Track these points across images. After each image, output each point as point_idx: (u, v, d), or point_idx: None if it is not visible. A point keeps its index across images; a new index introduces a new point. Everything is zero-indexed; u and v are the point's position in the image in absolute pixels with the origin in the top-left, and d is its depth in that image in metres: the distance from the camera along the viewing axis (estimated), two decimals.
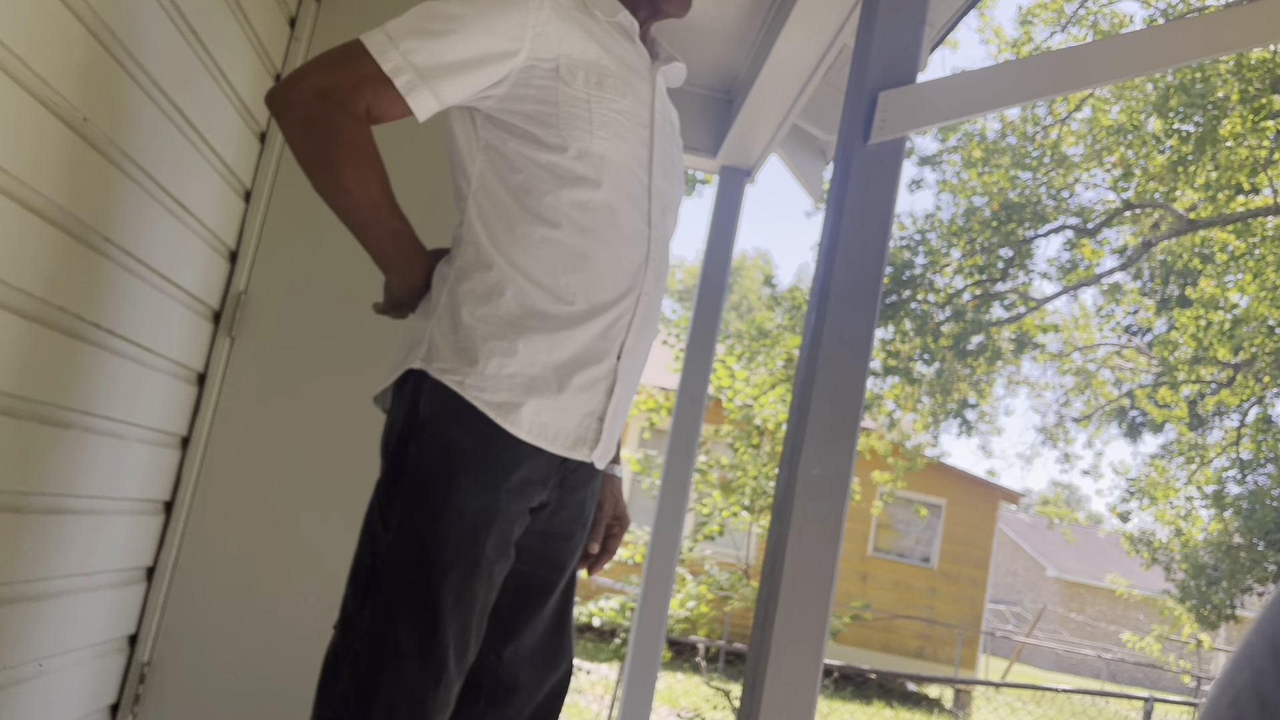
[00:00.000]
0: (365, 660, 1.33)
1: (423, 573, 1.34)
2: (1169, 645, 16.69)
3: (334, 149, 1.38)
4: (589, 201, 1.46)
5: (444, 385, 1.39)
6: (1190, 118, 10.45)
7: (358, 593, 1.38)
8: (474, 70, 1.42)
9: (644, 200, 1.54)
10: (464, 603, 1.36)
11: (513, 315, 1.42)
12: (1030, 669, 22.04)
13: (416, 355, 1.43)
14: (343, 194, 1.40)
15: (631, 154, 1.52)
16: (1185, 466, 13.07)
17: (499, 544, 1.39)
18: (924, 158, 12.86)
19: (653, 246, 1.55)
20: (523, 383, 1.41)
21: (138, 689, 2.28)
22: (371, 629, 1.34)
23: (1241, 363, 11.52)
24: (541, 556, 1.54)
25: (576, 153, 1.45)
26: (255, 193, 2.41)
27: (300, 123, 1.38)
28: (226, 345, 2.39)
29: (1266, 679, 0.36)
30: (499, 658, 1.52)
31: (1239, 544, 12.49)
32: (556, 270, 1.44)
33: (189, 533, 2.34)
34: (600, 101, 1.48)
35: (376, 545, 1.37)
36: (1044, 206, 12.06)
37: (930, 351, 12.31)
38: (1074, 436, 15.74)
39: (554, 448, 1.44)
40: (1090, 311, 14.29)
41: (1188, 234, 11.51)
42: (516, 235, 1.44)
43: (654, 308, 1.58)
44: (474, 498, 1.36)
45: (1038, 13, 11.56)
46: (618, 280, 1.49)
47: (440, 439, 1.38)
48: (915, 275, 12.21)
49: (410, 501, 1.37)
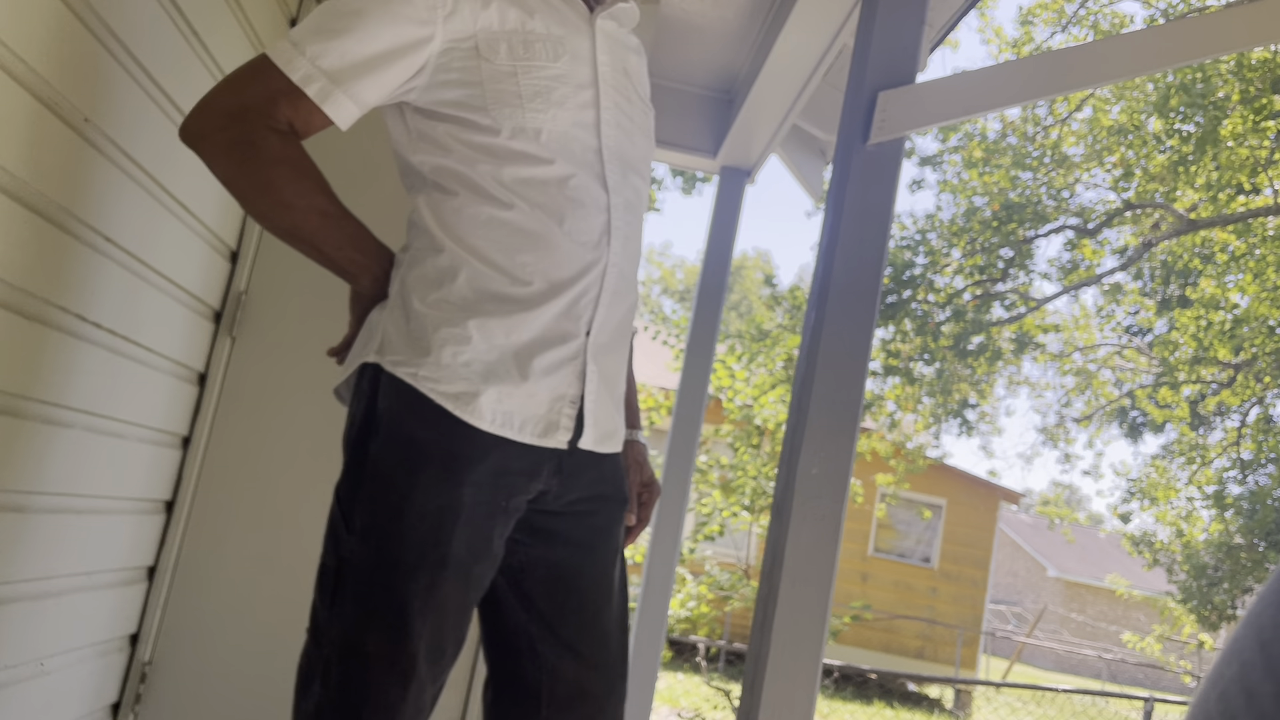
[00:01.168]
0: (336, 669, 1.29)
1: (387, 576, 1.29)
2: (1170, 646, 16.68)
3: (264, 168, 1.30)
4: (534, 177, 1.39)
5: (398, 378, 1.33)
6: (1191, 118, 10.45)
7: (325, 598, 1.33)
8: (388, 65, 1.34)
9: (596, 164, 1.44)
10: (434, 605, 1.31)
11: (466, 299, 1.36)
12: (1031, 669, 22.03)
13: (370, 348, 1.37)
14: (286, 211, 1.33)
15: (573, 119, 1.43)
16: (1186, 467, 13.07)
17: (471, 542, 1.33)
18: (924, 158, 12.86)
19: (614, 213, 1.45)
20: (480, 370, 1.34)
21: (139, 688, 2.29)
22: (339, 636, 1.30)
23: (1242, 363, 11.51)
24: (558, 536, 1.46)
25: (510, 132, 1.38)
26: None
27: (221, 149, 1.30)
28: (227, 345, 2.40)
29: (1253, 672, 0.37)
30: (558, 652, 1.44)
31: (1240, 544, 12.49)
32: (510, 250, 1.37)
33: (190, 532, 2.34)
34: (528, 71, 1.40)
35: (340, 549, 1.32)
36: (1044, 207, 12.06)
37: (931, 352, 12.31)
38: (1075, 437, 15.73)
39: (522, 436, 1.36)
40: (1091, 312, 14.29)
41: (1188, 234, 11.51)
42: (465, 217, 1.38)
43: (625, 279, 1.49)
44: (435, 495, 1.30)
45: (1038, 13, 11.56)
46: (577, 254, 1.41)
47: (398, 435, 1.32)
48: (916, 275, 12.21)
49: (372, 502, 1.31)
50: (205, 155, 1.31)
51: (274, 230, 1.35)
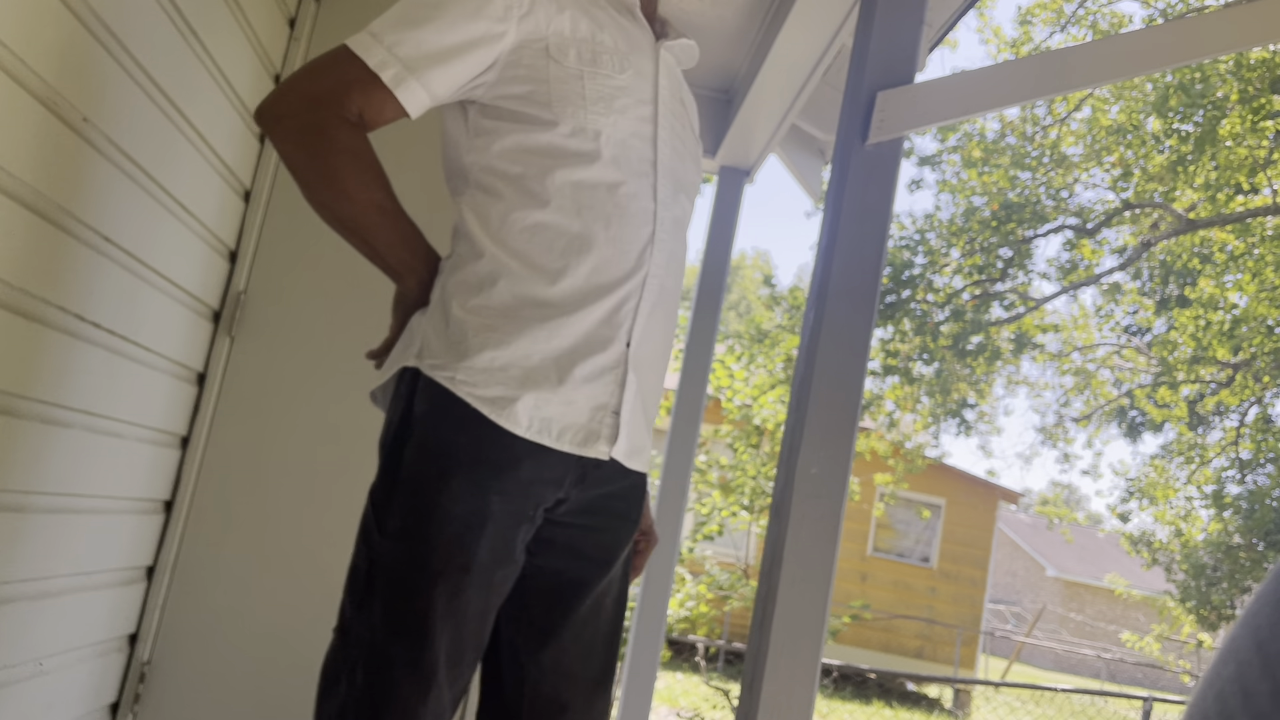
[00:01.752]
0: (361, 670, 1.30)
1: (413, 579, 1.30)
2: (1168, 645, 16.69)
3: (331, 156, 1.32)
4: (585, 179, 1.39)
5: (435, 382, 1.33)
6: (1190, 117, 10.45)
7: (354, 598, 1.33)
8: (462, 57, 1.36)
9: (650, 175, 1.46)
10: (456, 610, 1.31)
11: (506, 305, 1.35)
12: (1030, 669, 22.04)
13: (410, 352, 1.37)
14: (347, 201, 1.33)
15: (632, 129, 1.44)
16: (1185, 466, 13.07)
17: (495, 549, 1.33)
18: (923, 158, 12.86)
19: (660, 226, 1.46)
20: (518, 375, 1.34)
21: (138, 688, 2.29)
22: (366, 637, 1.31)
23: (1241, 363, 11.52)
24: (566, 548, 1.45)
25: (570, 129, 1.39)
26: (255, 193, 2.42)
27: (293, 134, 1.32)
28: (226, 345, 2.40)
29: (1250, 671, 0.37)
30: (539, 666, 1.44)
31: (1239, 544, 12.49)
32: (552, 254, 1.37)
33: (189, 532, 2.34)
34: (595, 77, 1.42)
35: (373, 550, 1.33)
36: (1043, 206, 12.07)
37: (929, 351, 12.31)
38: (1073, 436, 15.73)
39: (561, 444, 1.36)
40: (1089, 311, 14.29)
41: (1187, 234, 11.51)
42: (509, 222, 1.38)
43: (667, 294, 1.48)
44: (462, 500, 1.30)
45: (1037, 13, 11.57)
46: (620, 260, 1.41)
47: (431, 439, 1.32)
48: (915, 275, 12.22)
49: (403, 505, 1.32)
50: (276, 139, 1.33)
51: (331, 220, 1.36)
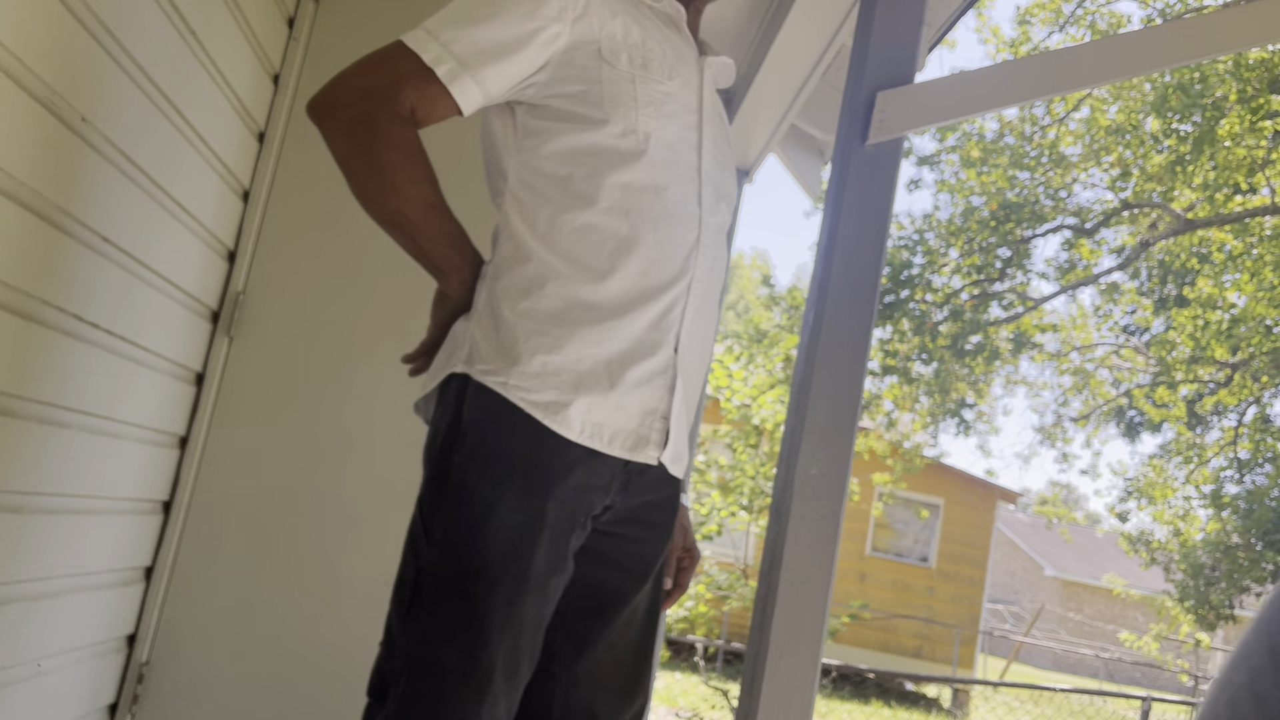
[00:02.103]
0: (407, 680, 1.26)
1: (468, 588, 1.27)
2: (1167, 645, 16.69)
3: (382, 150, 1.31)
4: (634, 182, 1.39)
5: (487, 387, 1.31)
6: (1188, 118, 10.45)
7: (400, 609, 1.30)
8: (515, 56, 1.35)
9: (694, 181, 1.46)
10: (513, 620, 1.28)
11: (556, 309, 1.34)
12: (1028, 668, 22.05)
13: (458, 358, 1.35)
14: (396, 196, 1.32)
15: (679, 135, 1.45)
16: (1183, 466, 13.08)
17: (551, 556, 1.31)
18: (922, 157, 12.86)
19: (704, 231, 1.46)
20: (570, 380, 1.32)
21: (136, 689, 2.28)
22: (414, 647, 1.27)
23: (1239, 362, 11.53)
24: (607, 559, 1.44)
25: (621, 129, 1.39)
26: (254, 193, 2.41)
27: (345, 127, 1.31)
28: (225, 345, 2.39)
29: (1263, 678, 0.36)
30: (573, 676, 1.43)
31: (1237, 544, 12.50)
32: (600, 256, 1.36)
33: (187, 532, 2.34)
34: (645, 82, 1.42)
35: (420, 559, 1.29)
36: (1042, 206, 12.07)
37: (928, 351, 12.31)
38: (1072, 436, 15.74)
39: (613, 449, 1.35)
40: (1088, 311, 14.31)
41: (1185, 234, 11.52)
42: (557, 225, 1.37)
43: (709, 300, 1.48)
44: (520, 507, 1.28)
45: (1036, 13, 11.57)
46: (667, 264, 1.40)
47: (483, 445, 1.30)
48: (913, 275, 12.22)
49: (454, 513, 1.29)
50: (327, 131, 1.32)
51: (378, 215, 1.35)
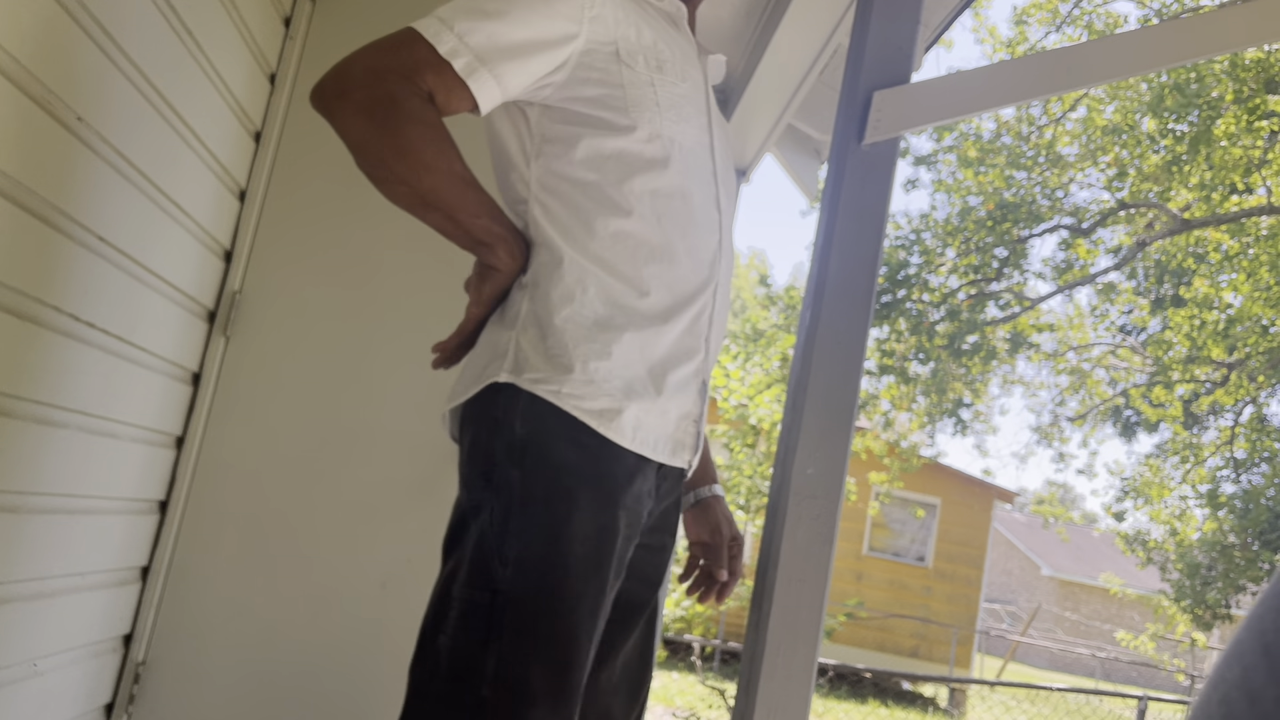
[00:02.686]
0: (497, 710, 1.20)
1: (554, 605, 1.23)
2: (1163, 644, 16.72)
3: (406, 127, 1.23)
4: (662, 188, 1.37)
5: (539, 398, 1.27)
6: (1185, 117, 10.47)
7: (477, 636, 1.22)
8: (534, 54, 1.31)
9: (712, 185, 1.46)
10: (594, 632, 1.26)
11: (599, 315, 1.31)
12: (1025, 668, 22.07)
13: (501, 367, 1.30)
14: (427, 173, 1.25)
15: (695, 138, 1.44)
16: (1180, 466, 13.10)
17: (619, 566, 1.29)
18: (919, 157, 12.87)
19: (724, 234, 1.47)
20: (621, 386, 1.30)
21: (132, 689, 2.28)
22: (500, 673, 1.20)
23: (1235, 362, 11.54)
24: (634, 570, 1.43)
25: (647, 135, 1.36)
26: (250, 192, 2.41)
27: (362, 109, 1.23)
28: (221, 345, 2.39)
29: (1256, 675, 0.36)
30: (594, 688, 1.41)
31: (1233, 543, 12.52)
32: (636, 263, 1.34)
33: (184, 532, 2.34)
34: (663, 85, 1.40)
35: (495, 583, 1.23)
36: (1039, 206, 12.08)
37: (925, 351, 12.32)
38: (1069, 436, 15.76)
39: (657, 455, 1.34)
40: (1085, 311, 14.32)
41: (1182, 234, 11.53)
42: (591, 230, 1.34)
43: (727, 300, 1.49)
44: (594, 517, 1.26)
45: (1032, 13, 11.58)
46: (697, 269, 1.40)
47: (547, 458, 1.26)
48: (910, 275, 12.23)
49: (528, 530, 1.24)
50: (341, 115, 1.24)
51: (409, 196, 1.27)
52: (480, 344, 1.38)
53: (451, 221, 1.30)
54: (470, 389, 1.33)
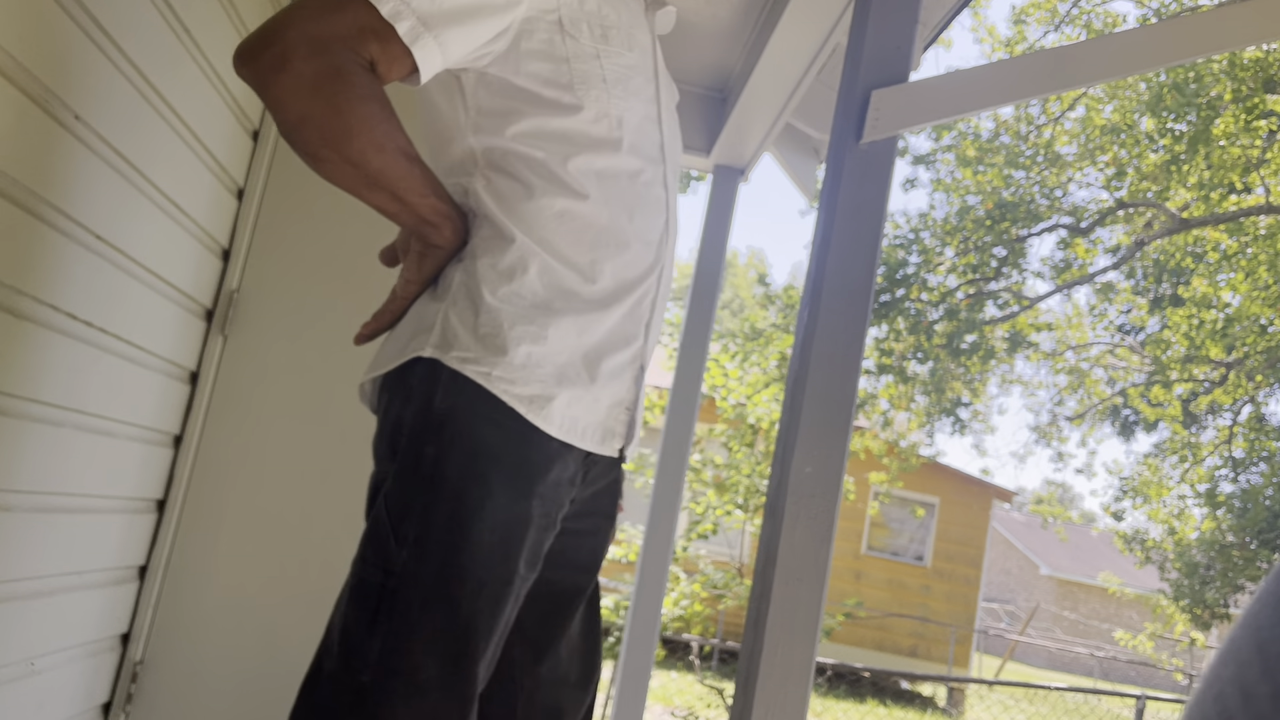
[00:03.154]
0: (379, 696, 1.14)
1: (452, 593, 1.17)
2: (1162, 643, 16.74)
3: (357, 104, 1.14)
4: (610, 168, 1.32)
5: (465, 377, 1.21)
6: (1183, 117, 10.47)
7: (365, 615, 1.17)
8: (477, 20, 1.23)
9: (660, 162, 1.41)
10: (496, 627, 1.20)
11: (539, 296, 1.26)
12: (1023, 667, 22.08)
13: (426, 341, 1.24)
14: (377, 153, 1.17)
15: (643, 113, 1.37)
16: (1178, 465, 13.11)
17: (531, 558, 1.24)
18: (918, 157, 12.88)
19: (671, 215, 1.42)
20: (553, 372, 1.24)
21: (130, 688, 2.28)
22: (387, 659, 1.15)
23: (1234, 362, 11.55)
24: (563, 558, 1.39)
25: (595, 115, 1.31)
26: (248, 191, 2.41)
27: (307, 84, 1.12)
28: (219, 343, 2.39)
29: (1250, 672, 0.36)
30: (535, 680, 1.37)
31: (1232, 542, 12.53)
32: (582, 245, 1.29)
33: (181, 531, 2.34)
34: (609, 56, 1.33)
35: (389, 562, 1.18)
36: (1037, 205, 12.09)
37: (924, 350, 12.33)
38: (1067, 435, 15.78)
39: (585, 443, 1.29)
40: (1083, 310, 14.34)
41: (1180, 233, 11.54)
42: (536, 207, 1.28)
43: (670, 283, 1.44)
44: (508, 506, 1.20)
45: (1031, 12, 11.58)
46: (643, 254, 1.35)
47: (465, 439, 1.20)
48: (909, 274, 12.23)
49: (432, 511, 1.18)
50: (279, 88, 1.13)
51: (350, 178, 1.19)
52: (407, 315, 1.32)
53: (397, 201, 1.23)
54: (392, 361, 1.28)
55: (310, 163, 1.18)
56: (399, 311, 1.34)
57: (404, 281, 1.33)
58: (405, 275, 1.33)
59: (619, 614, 8.10)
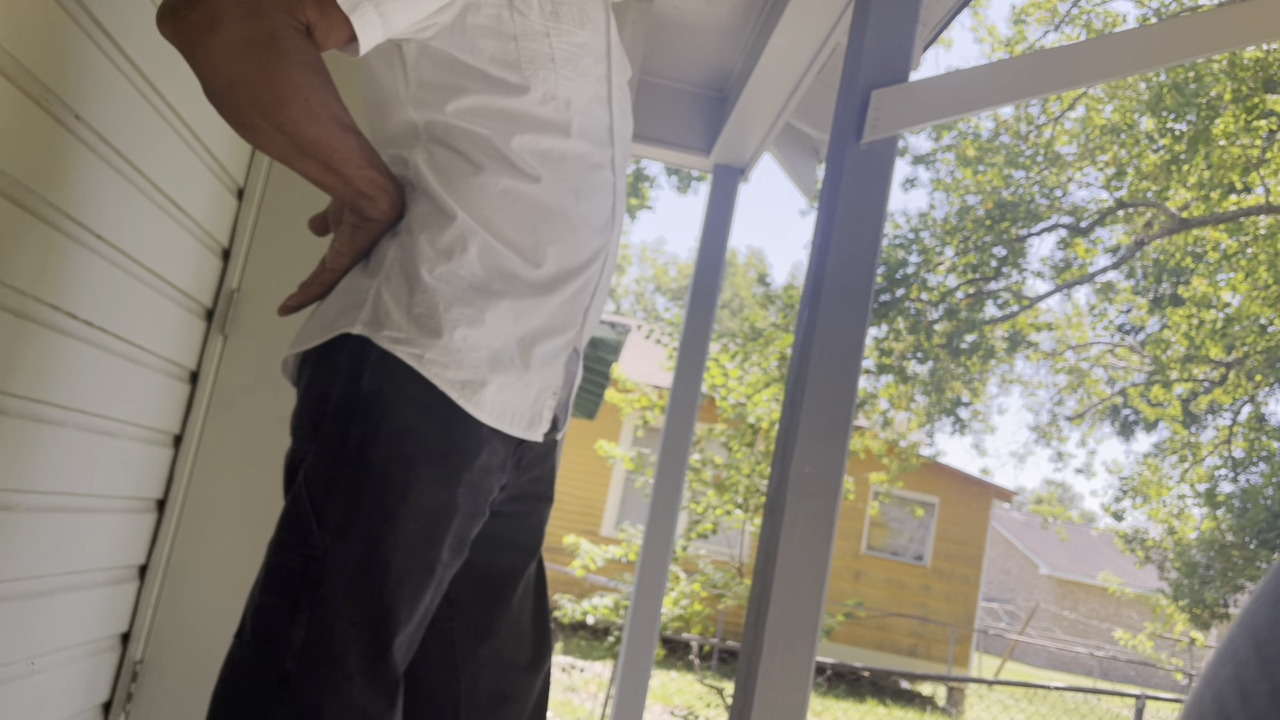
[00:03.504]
0: (303, 684, 1.12)
1: (373, 580, 1.14)
2: (1161, 643, 16.75)
3: (292, 70, 1.08)
4: (556, 149, 1.28)
5: (395, 358, 1.17)
6: (1183, 117, 10.47)
7: (284, 602, 1.15)
8: None
9: (608, 145, 1.36)
10: (417, 613, 1.18)
11: (478, 277, 1.22)
12: (1023, 667, 22.09)
13: (356, 318, 1.19)
14: (311, 122, 1.11)
15: (592, 93, 1.33)
16: (1178, 465, 13.12)
17: (456, 544, 1.22)
18: (918, 156, 12.89)
19: (618, 199, 1.38)
20: (487, 358, 1.20)
21: (130, 687, 2.28)
22: (308, 647, 1.12)
23: (1233, 361, 11.55)
24: (498, 540, 1.36)
25: (541, 96, 1.26)
26: (248, 190, 2.41)
27: (239, 46, 1.05)
28: (219, 343, 2.39)
29: (1249, 671, 0.37)
30: (478, 663, 1.35)
31: (1231, 542, 12.54)
32: (526, 227, 1.25)
33: (181, 531, 2.34)
34: (559, 34, 1.28)
35: (310, 547, 1.16)
36: (1037, 205, 12.09)
37: (924, 350, 12.33)
38: (1067, 435, 15.80)
39: (512, 429, 1.25)
40: (1083, 310, 14.35)
41: (1180, 233, 11.54)
42: (479, 184, 1.24)
43: (613, 268, 1.40)
44: (433, 493, 1.17)
45: (1031, 12, 11.59)
46: (589, 239, 1.31)
47: (392, 422, 1.16)
48: (909, 274, 12.24)
49: (356, 496, 1.15)
50: (207, 51, 1.06)
51: (281, 147, 1.14)
52: (336, 289, 1.27)
53: (331, 172, 1.18)
54: (318, 336, 1.23)
55: (240, 130, 1.12)
56: (328, 284, 1.29)
57: (334, 253, 1.28)
58: (336, 247, 1.28)
59: (619, 614, 8.10)
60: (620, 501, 13.37)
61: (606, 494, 13.34)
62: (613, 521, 13.12)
